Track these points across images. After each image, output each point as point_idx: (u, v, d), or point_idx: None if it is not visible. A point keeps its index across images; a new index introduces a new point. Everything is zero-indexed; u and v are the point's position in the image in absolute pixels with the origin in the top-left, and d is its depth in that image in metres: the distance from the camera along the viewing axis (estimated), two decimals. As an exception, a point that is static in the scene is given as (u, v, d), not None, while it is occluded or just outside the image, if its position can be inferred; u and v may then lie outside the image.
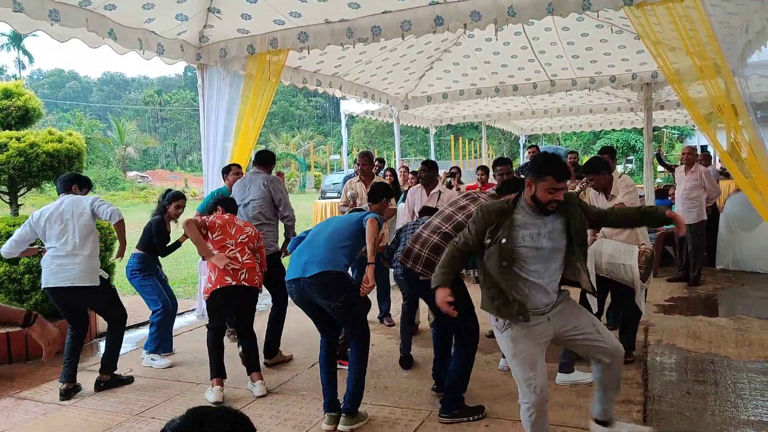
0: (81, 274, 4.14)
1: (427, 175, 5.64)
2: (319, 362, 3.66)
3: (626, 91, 10.45)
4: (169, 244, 4.91)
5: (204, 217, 4.27)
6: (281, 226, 5.04)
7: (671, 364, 4.31)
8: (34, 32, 4.73)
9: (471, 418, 3.49)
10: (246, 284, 4.07)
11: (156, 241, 4.80)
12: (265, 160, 5.16)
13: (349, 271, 4.09)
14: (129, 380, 4.40)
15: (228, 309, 4.24)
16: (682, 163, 7.29)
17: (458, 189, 7.97)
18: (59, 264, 4.12)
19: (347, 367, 3.61)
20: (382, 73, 8.46)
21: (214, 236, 4.14)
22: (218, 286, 4.03)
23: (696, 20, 4.87)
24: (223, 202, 4.47)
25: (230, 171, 5.49)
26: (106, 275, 4.56)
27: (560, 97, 11.17)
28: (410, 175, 8.92)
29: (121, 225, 4.33)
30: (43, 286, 4.19)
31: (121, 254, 4.53)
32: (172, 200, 4.90)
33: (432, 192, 5.58)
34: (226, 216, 4.29)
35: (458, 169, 9.53)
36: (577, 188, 4.51)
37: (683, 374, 4.10)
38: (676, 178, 7.47)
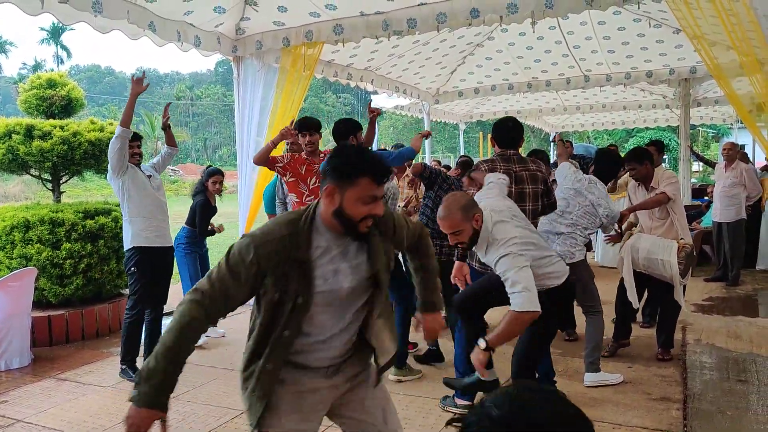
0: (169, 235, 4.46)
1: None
2: None
3: (662, 87, 10.22)
4: (209, 228, 5.05)
5: None
6: None
7: (711, 363, 4.22)
8: (78, 23, 4.82)
9: None
10: None
11: (198, 222, 4.94)
12: None
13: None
14: None
15: None
16: (722, 160, 7.12)
17: None
18: (157, 226, 4.28)
19: None
20: (414, 67, 8.44)
21: None
22: None
23: (741, 13, 4.74)
24: None
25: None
26: None
27: (593, 93, 11.02)
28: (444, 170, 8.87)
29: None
30: (141, 245, 4.16)
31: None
32: (209, 176, 5.12)
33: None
34: None
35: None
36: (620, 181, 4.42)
37: (724, 373, 4.00)
38: (715, 175, 7.29)
